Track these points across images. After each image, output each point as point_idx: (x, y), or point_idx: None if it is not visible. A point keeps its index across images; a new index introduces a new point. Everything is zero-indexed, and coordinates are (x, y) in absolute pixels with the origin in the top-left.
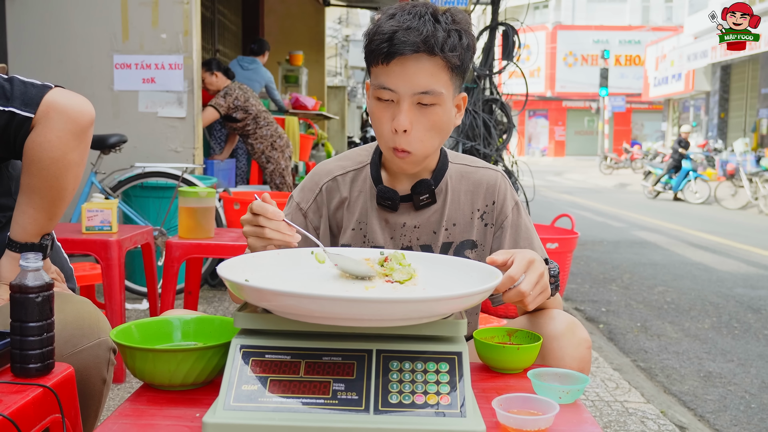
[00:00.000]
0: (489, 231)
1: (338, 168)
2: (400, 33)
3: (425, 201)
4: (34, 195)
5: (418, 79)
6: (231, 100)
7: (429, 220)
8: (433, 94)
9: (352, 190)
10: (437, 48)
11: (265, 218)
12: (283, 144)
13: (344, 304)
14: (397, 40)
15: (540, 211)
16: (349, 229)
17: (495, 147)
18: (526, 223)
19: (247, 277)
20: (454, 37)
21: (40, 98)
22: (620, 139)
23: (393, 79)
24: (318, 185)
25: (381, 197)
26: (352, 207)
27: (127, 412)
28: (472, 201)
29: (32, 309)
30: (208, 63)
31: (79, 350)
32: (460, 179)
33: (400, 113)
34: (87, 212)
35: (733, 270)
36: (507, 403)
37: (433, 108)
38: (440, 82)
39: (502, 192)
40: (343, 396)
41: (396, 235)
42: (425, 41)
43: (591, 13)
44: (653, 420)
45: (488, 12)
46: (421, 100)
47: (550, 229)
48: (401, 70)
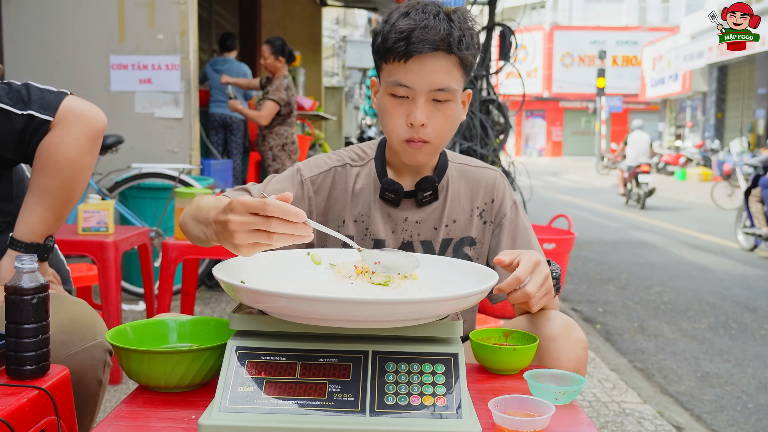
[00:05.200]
0: (488, 229)
1: (349, 158)
2: (418, 31)
3: (428, 198)
4: (46, 195)
5: (436, 77)
6: (290, 94)
7: (430, 217)
8: (449, 90)
9: (356, 182)
10: (455, 46)
11: (282, 222)
12: (293, 149)
13: (340, 306)
14: (415, 39)
15: (537, 212)
16: (351, 221)
17: (492, 148)
18: (524, 222)
19: (242, 279)
20: (467, 35)
21: (58, 103)
22: (617, 140)
23: (411, 77)
24: (328, 165)
25: (385, 189)
26: (356, 199)
27: (123, 414)
28: (471, 199)
29: (27, 311)
30: (275, 43)
31: (75, 352)
32: (460, 177)
33: (416, 109)
34: (84, 213)
35: (729, 270)
36: (503, 404)
37: (447, 104)
38: (454, 79)
39: (501, 191)
40: (339, 398)
41: (397, 230)
42: (443, 40)
43: (588, 13)
44: (650, 420)
45: (485, 12)
46: (436, 97)
47: (547, 230)
48: (419, 67)
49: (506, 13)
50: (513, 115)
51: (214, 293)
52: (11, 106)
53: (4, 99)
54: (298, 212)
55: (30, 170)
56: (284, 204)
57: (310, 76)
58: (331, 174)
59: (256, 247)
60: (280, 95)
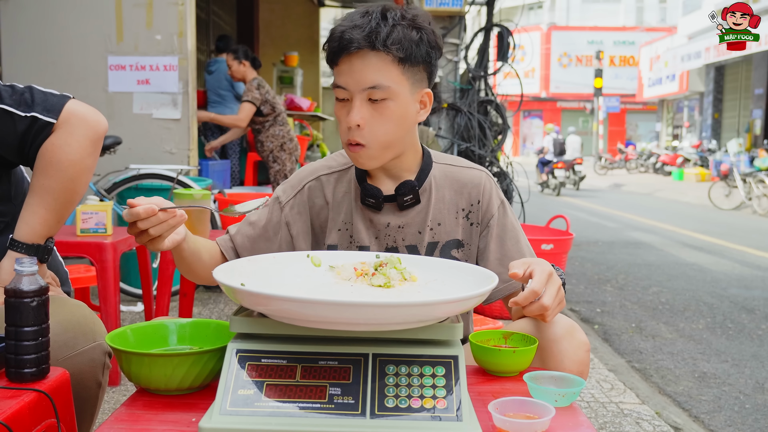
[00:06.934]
0: (475, 230)
1: (323, 168)
2: (347, 32)
3: (409, 201)
4: (48, 196)
5: (365, 75)
6: (264, 92)
7: (413, 221)
8: (381, 88)
9: (336, 191)
10: (378, 43)
11: (142, 221)
12: (293, 147)
13: (340, 309)
14: (343, 39)
15: (535, 212)
16: (335, 229)
17: (490, 148)
18: (513, 222)
19: (243, 281)
20: (398, 31)
21: (61, 106)
22: (615, 140)
23: (343, 77)
24: (301, 183)
25: (365, 195)
26: (338, 207)
27: (123, 417)
28: (456, 200)
29: (27, 313)
30: (236, 50)
31: (75, 354)
32: (444, 179)
33: (352, 109)
34: (82, 214)
35: (727, 270)
36: (503, 406)
37: (384, 103)
38: (388, 76)
39: (488, 191)
40: (340, 400)
41: (381, 236)
42: (367, 37)
43: (585, 13)
44: (648, 421)
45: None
46: (371, 96)
47: (545, 231)
48: (349, 67)
49: (504, 13)
50: (511, 116)
51: (212, 294)
52: (15, 108)
53: (7, 101)
54: (147, 209)
55: (29, 172)
56: (132, 210)
57: (307, 77)
58: (305, 192)
59: (154, 244)
60: (252, 95)
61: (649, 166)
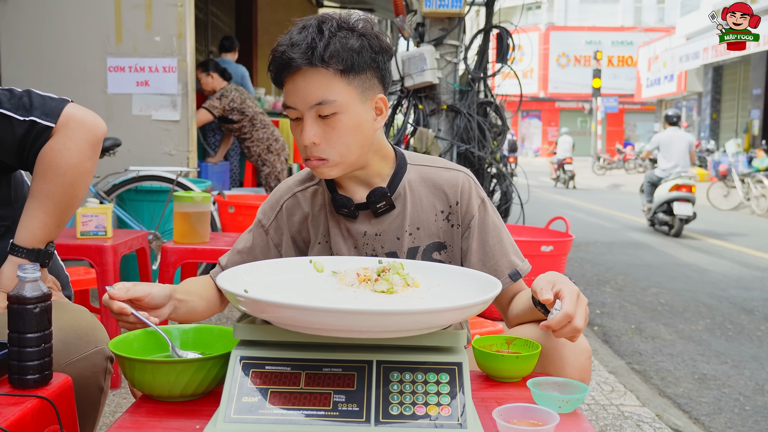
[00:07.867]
0: (456, 232)
1: (297, 183)
2: (286, 52)
3: (383, 208)
4: (48, 200)
5: (309, 93)
6: (227, 102)
7: (390, 227)
8: (327, 103)
9: (313, 205)
10: (316, 59)
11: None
12: (279, 147)
13: (344, 316)
14: (283, 60)
15: (533, 212)
16: (316, 243)
17: (490, 150)
18: (494, 221)
19: (246, 288)
20: (335, 42)
21: (60, 110)
22: (613, 140)
23: (290, 97)
24: (279, 203)
25: (337, 205)
26: (316, 221)
27: (127, 424)
28: (434, 202)
29: (30, 320)
30: (205, 64)
31: (76, 359)
32: (420, 181)
33: (304, 128)
34: (81, 217)
35: (726, 271)
36: (507, 413)
37: (335, 117)
38: (333, 90)
39: (467, 191)
40: (344, 407)
41: (359, 245)
42: (304, 54)
43: (583, 14)
44: (648, 423)
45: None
46: (320, 112)
47: (544, 232)
48: (293, 87)
49: (502, 13)
50: (510, 117)
51: None
52: (13, 112)
53: (6, 105)
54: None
55: (28, 176)
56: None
57: None
58: (283, 211)
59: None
60: (211, 103)
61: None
